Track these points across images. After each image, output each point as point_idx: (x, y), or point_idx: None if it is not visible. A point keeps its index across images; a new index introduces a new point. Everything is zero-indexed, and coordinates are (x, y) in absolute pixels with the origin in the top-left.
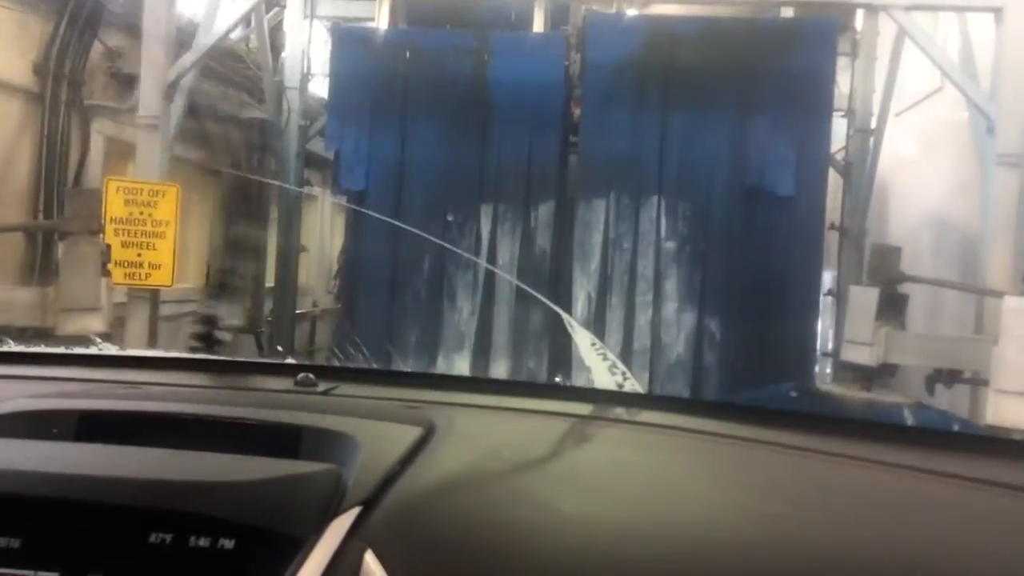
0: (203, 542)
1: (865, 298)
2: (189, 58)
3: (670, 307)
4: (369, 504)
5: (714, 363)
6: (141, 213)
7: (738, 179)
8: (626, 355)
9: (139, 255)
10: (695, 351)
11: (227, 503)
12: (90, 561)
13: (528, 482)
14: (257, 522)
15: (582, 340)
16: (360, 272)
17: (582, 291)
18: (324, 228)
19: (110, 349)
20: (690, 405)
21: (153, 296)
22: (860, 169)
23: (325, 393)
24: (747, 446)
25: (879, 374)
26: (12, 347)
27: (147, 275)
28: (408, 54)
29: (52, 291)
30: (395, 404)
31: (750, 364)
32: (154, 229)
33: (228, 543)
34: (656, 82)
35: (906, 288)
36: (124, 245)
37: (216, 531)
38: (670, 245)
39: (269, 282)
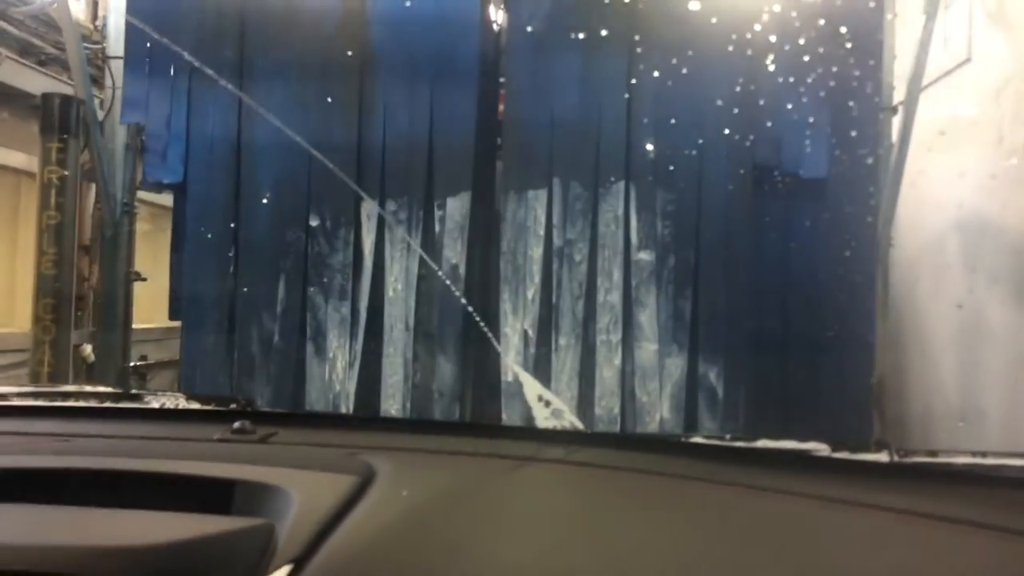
0: None
1: None
2: None
3: (648, 349)
4: (301, 561)
5: (716, 431)
6: None
7: (745, 156)
8: (584, 423)
9: None
10: (687, 414)
11: (153, 566)
12: None
13: (469, 531)
14: None
15: (529, 390)
16: (189, 307)
17: (514, 329)
18: None
19: (39, 400)
20: (637, 442)
21: None
22: (884, 158)
23: (262, 440)
24: (703, 486)
25: None
26: None
27: None
28: None
29: None
30: (334, 451)
31: (771, 429)
32: None
33: None
34: (619, 14)
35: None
36: None
37: None
38: (645, 256)
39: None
